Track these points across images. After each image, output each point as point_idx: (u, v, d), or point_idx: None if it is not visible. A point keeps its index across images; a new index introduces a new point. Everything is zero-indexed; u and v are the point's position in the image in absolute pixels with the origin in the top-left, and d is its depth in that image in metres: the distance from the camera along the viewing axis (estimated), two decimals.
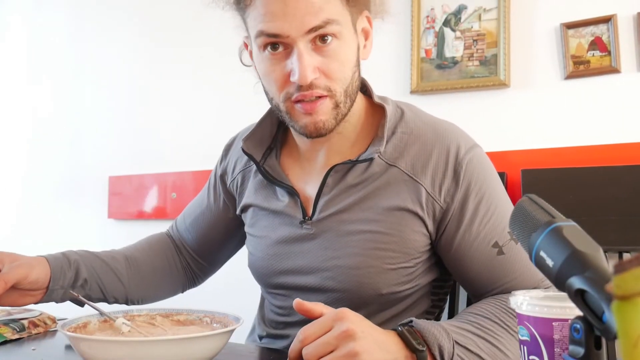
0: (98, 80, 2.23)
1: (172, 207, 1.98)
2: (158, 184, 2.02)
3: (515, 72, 1.42)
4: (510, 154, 1.40)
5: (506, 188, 1.29)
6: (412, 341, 0.72)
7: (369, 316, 0.81)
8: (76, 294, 0.96)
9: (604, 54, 1.32)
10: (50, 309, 1.19)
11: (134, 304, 1.07)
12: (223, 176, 1.09)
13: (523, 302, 0.58)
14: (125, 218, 2.11)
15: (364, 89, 0.94)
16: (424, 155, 0.87)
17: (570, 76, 1.35)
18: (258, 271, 1.00)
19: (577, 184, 1.25)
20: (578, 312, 0.48)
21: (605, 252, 1.10)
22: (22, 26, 2.48)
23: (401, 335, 0.74)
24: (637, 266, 0.36)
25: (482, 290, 0.89)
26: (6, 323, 1.01)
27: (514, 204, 0.62)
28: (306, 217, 0.92)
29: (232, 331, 0.81)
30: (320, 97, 0.82)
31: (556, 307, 0.56)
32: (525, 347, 0.58)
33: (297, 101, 0.83)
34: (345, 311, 0.71)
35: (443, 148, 0.87)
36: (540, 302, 0.57)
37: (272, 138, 0.98)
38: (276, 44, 0.81)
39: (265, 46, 0.82)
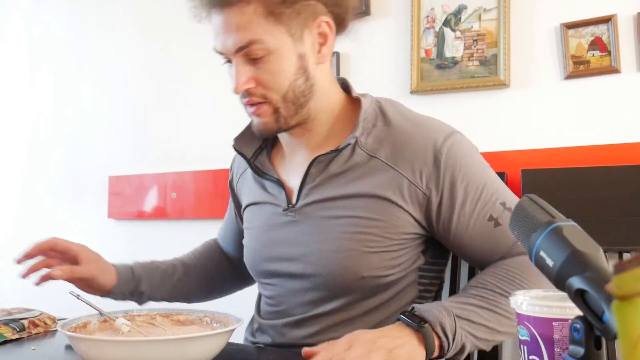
0: (98, 80, 2.23)
1: (172, 207, 1.98)
2: (158, 184, 2.02)
3: (515, 72, 1.42)
4: (510, 154, 1.40)
5: None
6: (413, 324, 0.78)
7: (352, 304, 0.89)
8: (77, 294, 0.96)
9: (604, 54, 1.32)
10: (50, 309, 1.19)
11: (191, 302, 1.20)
12: (231, 183, 1.17)
13: (523, 302, 0.58)
14: (125, 218, 2.11)
15: (345, 86, 1.02)
16: (404, 146, 0.91)
17: (570, 76, 1.35)
18: (249, 262, 1.05)
19: (577, 184, 1.25)
20: (578, 312, 0.48)
21: (605, 252, 1.10)
22: (22, 26, 2.48)
23: (403, 322, 0.79)
24: (637, 266, 0.36)
25: (488, 261, 0.93)
26: (6, 323, 1.01)
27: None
28: (290, 205, 0.97)
29: (232, 331, 0.81)
30: (259, 102, 0.92)
31: (556, 307, 0.56)
32: (525, 347, 0.58)
33: (246, 105, 0.94)
34: (352, 334, 0.77)
35: (422, 137, 0.91)
36: (540, 302, 0.57)
37: (262, 138, 1.03)
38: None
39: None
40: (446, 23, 1.50)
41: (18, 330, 1.01)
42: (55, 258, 1.00)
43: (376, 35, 1.63)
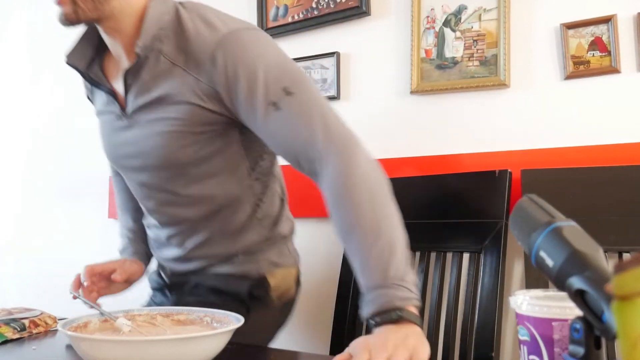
0: None
1: None
2: None
3: (515, 73, 1.43)
4: (510, 154, 1.40)
5: (507, 188, 1.30)
6: (391, 317, 0.80)
7: (189, 186, 1.07)
8: (77, 294, 0.96)
9: (604, 54, 1.32)
10: (50, 308, 1.19)
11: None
12: (88, 97, 1.29)
13: (523, 302, 0.58)
14: None
15: None
16: (196, 50, 0.99)
17: (570, 76, 1.35)
18: (109, 158, 1.21)
19: (577, 184, 1.25)
20: (578, 312, 0.48)
21: (605, 252, 1.10)
22: (23, 25, 2.48)
23: (383, 322, 0.81)
24: (637, 266, 0.36)
25: (297, 160, 0.98)
26: (7, 323, 1.01)
27: (513, 204, 0.62)
28: (122, 112, 1.09)
29: (232, 331, 0.81)
30: None
31: (556, 307, 0.56)
32: (525, 347, 0.58)
33: None
34: (357, 343, 0.78)
35: (209, 37, 0.98)
36: (540, 302, 0.57)
37: (94, 49, 1.12)
38: None
39: None
40: (446, 23, 1.50)
41: (19, 329, 1.01)
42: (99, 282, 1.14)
43: (376, 35, 1.63)
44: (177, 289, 1.22)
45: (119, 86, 1.09)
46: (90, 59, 1.12)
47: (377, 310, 0.82)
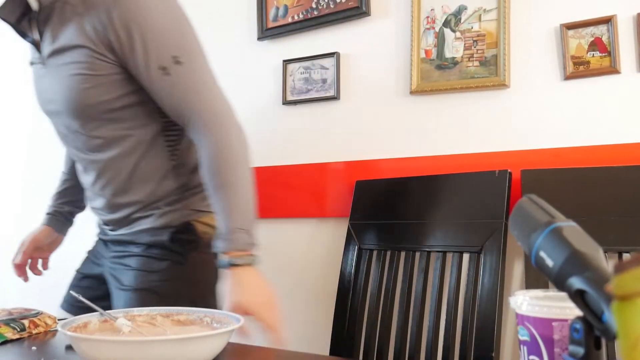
0: None
1: None
2: None
3: (515, 73, 1.43)
4: (510, 154, 1.40)
5: (507, 188, 1.30)
6: (249, 260, 1.04)
7: (100, 127, 1.14)
8: (77, 295, 0.96)
9: (603, 54, 1.32)
10: (50, 308, 1.19)
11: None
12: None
13: (523, 302, 0.58)
14: None
15: None
16: (95, 0, 1.07)
17: (570, 77, 1.35)
18: (39, 106, 1.26)
19: (577, 184, 1.26)
20: (578, 312, 0.48)
21: (605, 252, 1.11)
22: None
23: (244, 264, 1.03)
24: (637, 266, 0.36)
25: (181, 120, 1.11)
26: (7, 323, 1.01)
27: (513, 204, 0.62)
28: (41, 59, 1.17)
29: (232, 331, 0.81)
30: None
31: (556, 307, 0.56)
32: (525, 347, 0.58)
33: None
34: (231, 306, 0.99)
35: None
36: (540, 302, 0.57)
37: (25, 5, 1.16)
38: None
39: None
40: (446, 23, 1.50)
41: (18, 330, 1.01)
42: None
43: (376, 35, 1.63)
44: (109, 241, 1.30)
45: (36, 35, 1.17)
46: (21, 13, 1.18)
47: (234, 248, 1.03)
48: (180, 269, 1.18)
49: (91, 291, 1.25)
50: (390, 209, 1.47)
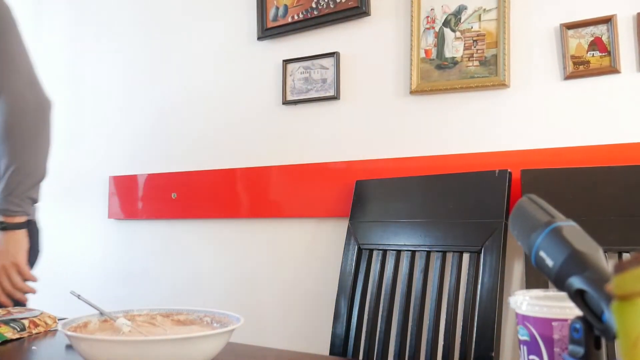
0: (98, 80, 2.23)
1: (172, 207, 1.98)
2: (158, 184, 2.02)
3: (515, 73, 1.43)
4: (510, 154, 1.41)
5: (507, 188, 1.30)
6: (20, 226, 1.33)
7: None
8: (77, 294, 0.96)
9: (603, 54, 1.32)
10: (50, 309, 1.19)
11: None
12: None
13: (523, 302, 0.58)
14: (125, 218, 2.11)
15: None
16: None
17: (570, 76, 1.35)
18: None
19: (577, 184, 1.26)
20: (578, 312, 0.48)
21: (605, 252, 1.11)
22: (21, 25, 2.47)
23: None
24: (636, 266, 0.36)
25: None
26: (7, 323, 1.01)
27: (513, 204, 0.62)
28: None
29: (232, 331, 0.81)
30: None
31: (556, 307, 0.56)
32: (525, 347, 0.58)
33: None
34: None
35: None
36: (540, 302, 0.57)
37: None
38: None
39: None
40: (446, 23, 1.50)
41: (19, 330, 1.01)
42: None
43: (376, 35, 1.63)
44: None
45: None
46: None
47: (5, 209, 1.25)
48: None
49: None
50: (390, 209, 1.47)
